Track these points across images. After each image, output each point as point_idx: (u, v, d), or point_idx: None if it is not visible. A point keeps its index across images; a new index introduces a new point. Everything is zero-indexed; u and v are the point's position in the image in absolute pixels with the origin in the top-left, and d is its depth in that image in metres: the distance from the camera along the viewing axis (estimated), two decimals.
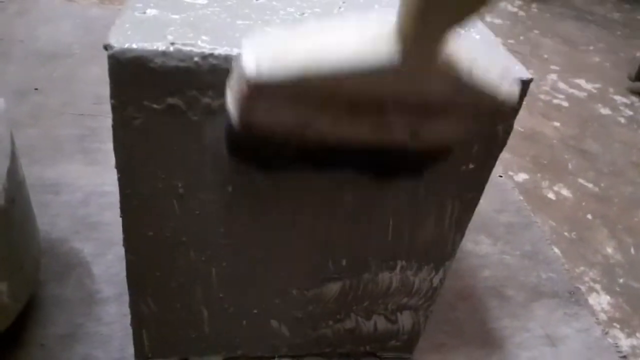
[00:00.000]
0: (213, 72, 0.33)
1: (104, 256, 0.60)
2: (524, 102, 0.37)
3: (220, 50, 0.33)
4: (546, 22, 1.65)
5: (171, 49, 0.32)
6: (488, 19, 1.57)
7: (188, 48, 0.32)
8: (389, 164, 0.31)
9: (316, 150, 0.29)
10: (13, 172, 0.44)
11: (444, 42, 0.24)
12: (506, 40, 1.44)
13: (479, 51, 0.20)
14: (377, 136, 0.27)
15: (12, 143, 0.46)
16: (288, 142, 0.28)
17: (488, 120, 0.29)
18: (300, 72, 0.24)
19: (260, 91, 0.25)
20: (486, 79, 0.25)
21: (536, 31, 1.56)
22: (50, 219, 0.63)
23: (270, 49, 0.25)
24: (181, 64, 0.33)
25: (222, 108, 0.34)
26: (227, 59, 0.33)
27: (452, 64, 0.24)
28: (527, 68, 0.39)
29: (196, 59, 0.32)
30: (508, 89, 0.26)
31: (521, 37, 1.50)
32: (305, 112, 0.26)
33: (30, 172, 0.52)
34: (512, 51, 0.45)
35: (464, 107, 0.27)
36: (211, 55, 0.33)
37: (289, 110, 0.26)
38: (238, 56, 0.26)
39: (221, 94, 0.34)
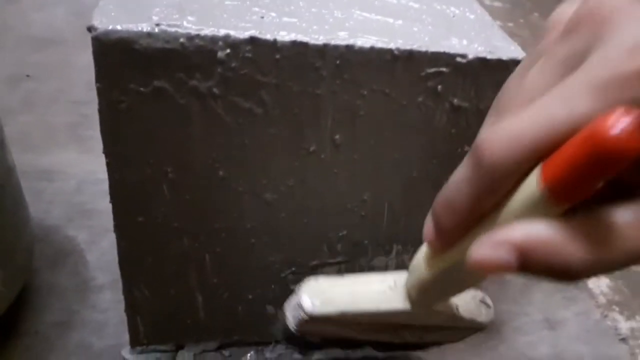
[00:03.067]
0: (199, 53, 0.32)
1: (98, 243, 0.59)
2: None
3: (207, 31, 0.32)
4: (546, 4, 1.63)
5: (156, 30, 0.31)
6: (487, 1, 1.55)
7: (173, 29, 0.31)
8: (399, 347, 0.43)
9: (350, 342, 0.42)
10: (2, 159, 0.44)
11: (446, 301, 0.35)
12: (505, 23, 1.42)
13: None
14: (393, 340, 0.40)
15: (1, 130, 0.45)
16: (328, 340, 0.42)
17: (472, 332, 0.39)
18: (340, 310, 0.36)
19: (313, 319, 0.36)
20: (468, 311, 0.36)
21: (536, 14, 1.54)
22: (44, 206, 0.62)
23: (321, 293, 0.37)
24: (167, 46, 0.32)
25: (210, 90, 0.34)
26: (214, 39, 0.32)
27: (445, 306, 0.35)
28: (527, 51, 0.38)
29: (182, 40, 0.32)
30: (484, 313, 0.38)
31: (521, 20, 1.48)
32: (342, 330, 0.38)
33: (24, 160, 0.51)
34: (512, 34, 0.44)
35: (456, 328, 0.38)
36: (197, 36, 0.32)
37: (332, 328, 0.38)
38: (298, 294, 0.38)
39: (208, 75, 0.33)
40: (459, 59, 0.36)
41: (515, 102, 0.20)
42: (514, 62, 0.37)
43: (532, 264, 0.17)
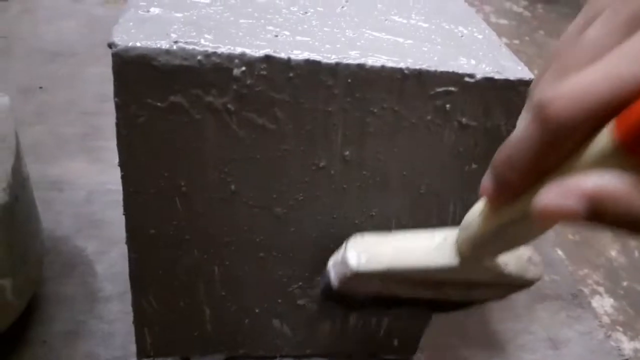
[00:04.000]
0: (216, 70, 0.33)
1: (107, 254, 0.60)
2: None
3: (223, 49, 0.33)
4: (552, 22, 1.65)
5: (174, 47, 0.32)
6: (493, 19, 1.57)
7: (191, 47, 0.32)
8: (441, 306, 0.42)
9: (390, 301, 0.41)
10: (17, 170, 0.45)
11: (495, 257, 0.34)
12: (511, 40, 1.44)
13: None
14: (437, 297, 0.39)
15: (17, 140, 0.46)
16: (370, 298, 0.40)
17: (517, 290, 0.38)
18: (387, 267, 0.36)
19: (358, 276, 0.37)
20: (517, 268, 0.35)
21: (542, 32, 1.56)
22: (54, 216, 0.63)
23: (367, 249, 0.37)
24: (184, 63, 0.33)
25: (225, 106, 0.35)
26: (230, 57, 0.33)
27: (495, 262, 0.34)
28: (533, 69, 0.39)
29: (199, 57, 0.32)
30: (534, 270, 0.36)
31: (526, 38, 1.50)
32: (385, 287, 0.38)
33: (34, 170, 0.52)
34: (517, 52, 0.45)
35: (501, 285, 0.37)
36: (214, 53, 0.33)
37: (375, 285, 0.38)
38: (344, 250, 0.38)
39: (224, 92, 0.34)
40: (467, 79, 0.37)
41: (578, 59, 0.20)
42: (521, 82, 0.38)
43: (603, 214, 0.18)
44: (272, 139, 0.37)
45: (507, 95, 0.38)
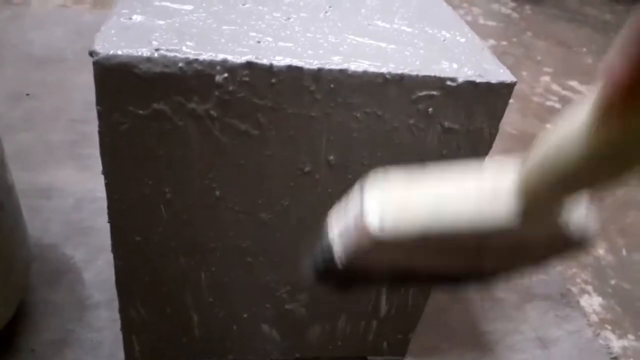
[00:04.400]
0: (198, 77, 0.33)
1: (95, 262, 0.60)
2: (517, 105, 0.37)
3: (205, 56, 0.33)
4: (540, 24, 1.66)
5: (156, 54, 0.32)
6: (481, 21, 1.58)
7: (172, 54, 0.32)
8: (461, 280, 0.31)
9: (403, 277, 0.30)
10: (2, 177, 0.44)
11: (564, 205, 0.24)
12: (499, 42, 1.45)
13: None
14: (466, 268, 0.28)
15: (1, 148, 0.46)
16: (384, 275, 0.29)
17: (570, 251, 0.28)
18: (422, 230, 0.25)
19: (381, 246, 0.25)
20: (581, 222, 0.25)
21: (529, 33, 1.57)
22: (42, 224, 0.63)
23: (393, 203, 0.25)
24: (166, 70, 0.33)
25: (207, 113, 0.35)
26: (212, 64, 0.33)
27: (557, 219, 0.25)
28: (520, 70, 0.39)
29: (181, 64, 0.33)
30: (592, 227, 0.26)
31: (514, 39, 1.51)
32: (416, 258, 0.27)
33: (22, 177, 0.52)
34: (505, 53, 0.45)
35: (552, 247, 0.27)
36: (196, 60, 0.33)
37: (401, 258, 0.26)
38: (360, 203, 0.25)
39: (206, 98, 0.34)
40: (449, 83, 0.37)
41: None
42: (503, 86, 0.38)
43: None
44: (255, 144, 0.37)
45: (489, 98, 0.38)
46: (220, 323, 0.48)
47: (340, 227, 0.28)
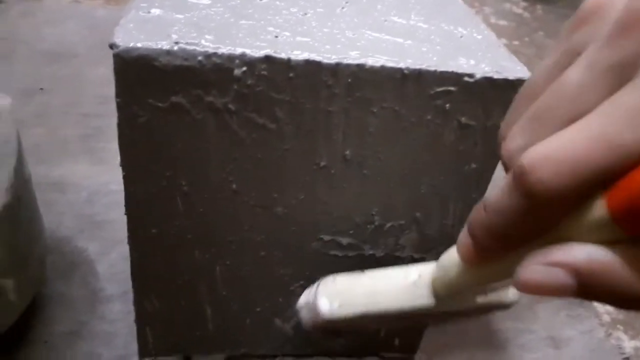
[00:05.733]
0: (216, 70, 0.33)
1: (108, 255, 0.60)
2: None
3: (224, 50, 0.33)
4: (551, 23, 1.65)
5: (175, 48, 0.32)
6: (493, 20, 1.57)
7: (192, 47, 0.33)
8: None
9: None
10: (19, 170, 0.45)
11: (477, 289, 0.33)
12: (511, 42, 1.44)
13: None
14: (415, 326, 0.41)
15: (19, 141, 0.46)
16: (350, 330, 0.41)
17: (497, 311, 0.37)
18: (361, 312, 0.35)
19: (331, 322, 0.36)
20: (496, 296, 0.34)
21: (541, 33, 1.56)
22: (56, 217, 0.63)
23: (339, 293, 0.36)
24: (185, 63, 0.33)
25: (226, 106, 0.35)
26: (230, 58, 0.33)
27: (473, 296, 0.33)
28: (532, 70, 0.39)
29: (200, 57, 0.33)
30: (512, 293, 0.35)
31: (526, 39, 1.50)
32: (362, 324, 0.37)
33: (36, 171, 0.52)
34: (517, 52, 0.45)
35: (480, 310, 0.35)
36: (214, 54, 0.33)
37: (352, 325, 0.37)
38: (314, 295, 0.37)
39: (224, 92, 0.34)
40: (466, 79, 0.37)
41: (558, 110, 0.17)
42: (520, 82, 0.38)
43: (594, 288, 0.16)
44: (273, 138, 0.37)
45: (507, 94, 0.38)
46: (233, 316, 0.48)
47: (305, 301, 0.39)
